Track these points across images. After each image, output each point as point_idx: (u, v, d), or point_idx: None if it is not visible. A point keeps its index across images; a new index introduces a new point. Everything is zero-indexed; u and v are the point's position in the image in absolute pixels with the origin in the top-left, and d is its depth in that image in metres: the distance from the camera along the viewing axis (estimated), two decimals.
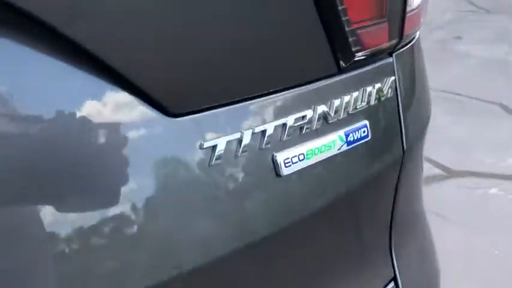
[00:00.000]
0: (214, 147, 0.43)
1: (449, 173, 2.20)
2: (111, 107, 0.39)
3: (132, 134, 0.40)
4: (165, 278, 0.40)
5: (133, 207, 0.39)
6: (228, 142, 0.43)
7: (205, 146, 0.42)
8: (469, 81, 3.10)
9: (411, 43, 0.64)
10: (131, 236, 0.39)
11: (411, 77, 0.63)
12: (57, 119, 0.37)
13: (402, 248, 0.62)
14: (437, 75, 2.84)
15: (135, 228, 0.40)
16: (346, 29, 0.48)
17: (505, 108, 2.85)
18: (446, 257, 1.15)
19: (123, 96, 0.40)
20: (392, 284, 0.61)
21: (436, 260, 0.73)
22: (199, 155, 0.42)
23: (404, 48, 0.61)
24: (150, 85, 0.40)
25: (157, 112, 0.41)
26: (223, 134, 0.44)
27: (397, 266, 0.61)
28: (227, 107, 0.44)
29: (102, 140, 0.38)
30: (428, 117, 0.69)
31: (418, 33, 0.69)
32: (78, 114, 0.38)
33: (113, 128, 0.39)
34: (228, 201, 0.44)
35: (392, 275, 0.61)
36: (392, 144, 0.57)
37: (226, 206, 0.44)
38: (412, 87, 0.63)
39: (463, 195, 2.12)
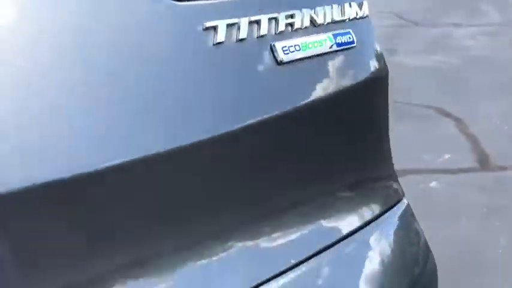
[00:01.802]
0: (215, 27, 0.45)
1: None
2: None
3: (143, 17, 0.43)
4: None
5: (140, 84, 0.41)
6: (228, 25, 0.46)
7: (207, 26, 0.45)
8: (404, 89, 3.31)
9: None
10: None
11: None
12: None
13: None
14: None
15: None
16: None
17: (439, 110, 3.05)
18: None
19: None
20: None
21: None
22: (202, 34, 0.45)
23: None
24: None
25: None
26: (223, 18, 0.46)
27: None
28: None
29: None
30: None
31: None
32: None
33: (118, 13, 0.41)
34: (232, 80, 0.47)
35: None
36: (378, 58, 0.62)
37: (230, 85, 0.47)
38: None
39: (405, 191, 2.25)
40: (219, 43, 0.45)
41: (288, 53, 0.49)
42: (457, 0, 4.76)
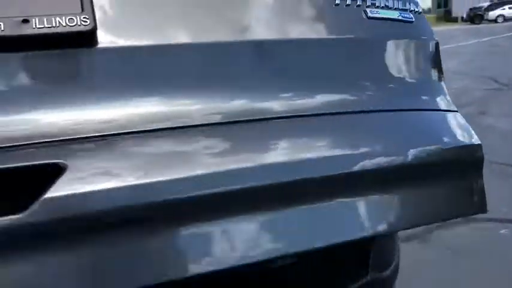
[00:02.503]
0: None
1: (467, 220, 2.66)
2: None
3: None
4: None
5: None
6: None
7: None
8: (491, 149, 3.54)
9: None
10: None
11: None
12: None
13: None
14: None
15: None
16: None
17: None
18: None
19: None
20: None
21: None
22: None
23: None
24: None
25: None
26: None
27: None
28: None
29: None
30: None
31: None
32: None
33: None
34: (343, 24, 0.81)
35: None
36: (429, 32, 0.94)
37: (341, 26, 0.81)
38: None
39: (476, 236, 2.53)
40: (337, 4, 0.81)
41: (373, 13, 0.85)
42: None
